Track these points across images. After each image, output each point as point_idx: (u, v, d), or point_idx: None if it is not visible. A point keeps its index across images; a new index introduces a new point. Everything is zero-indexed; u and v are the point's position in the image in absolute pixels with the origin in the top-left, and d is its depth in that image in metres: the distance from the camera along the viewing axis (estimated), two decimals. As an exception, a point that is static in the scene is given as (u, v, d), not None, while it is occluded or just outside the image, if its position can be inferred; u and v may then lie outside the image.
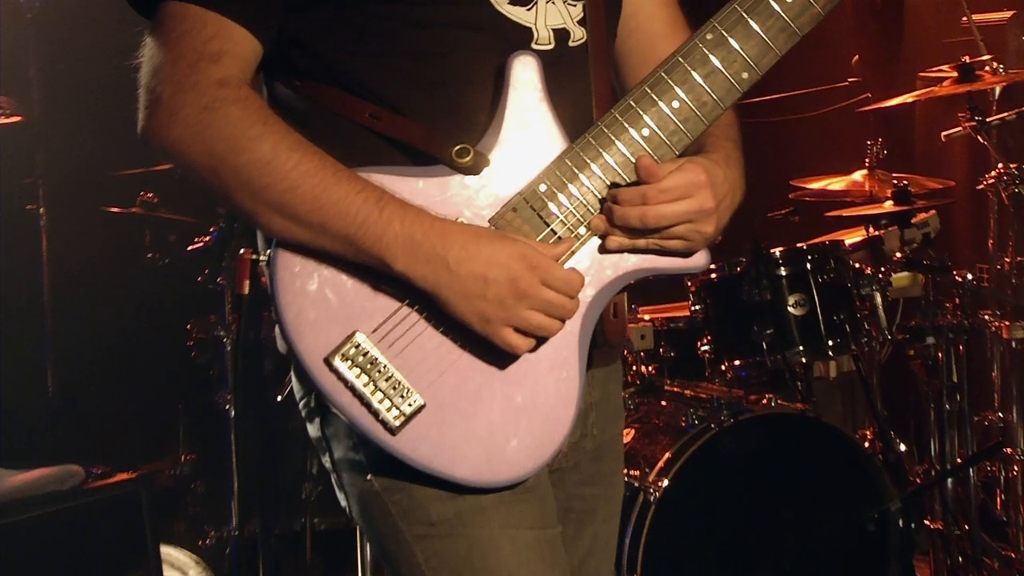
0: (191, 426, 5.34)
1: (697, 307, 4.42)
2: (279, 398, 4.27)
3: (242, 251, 1.96)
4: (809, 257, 4.24)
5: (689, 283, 4.45)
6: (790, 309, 4.18)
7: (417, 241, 1.73)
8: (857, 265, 4.45)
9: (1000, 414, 4.72)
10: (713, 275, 4.34)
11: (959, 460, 4.47)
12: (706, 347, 4.37)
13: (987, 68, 4.67)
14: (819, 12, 1.85)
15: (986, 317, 4.68)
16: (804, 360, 4.29)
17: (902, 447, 4.53)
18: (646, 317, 4.69)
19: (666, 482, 3.73)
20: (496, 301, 1.73)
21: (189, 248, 4.97)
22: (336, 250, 1.76)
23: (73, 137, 5.65)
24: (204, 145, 1.75)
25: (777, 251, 4.24)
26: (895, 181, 4.70)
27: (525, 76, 1.83)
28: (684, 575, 3.82)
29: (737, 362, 4.28)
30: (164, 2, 1.80)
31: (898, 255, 4.57)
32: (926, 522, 4.45)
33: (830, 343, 4.21)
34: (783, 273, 4.22)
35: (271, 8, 1.82)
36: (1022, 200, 4.58)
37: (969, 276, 4.46)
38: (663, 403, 4.27)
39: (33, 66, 5.52)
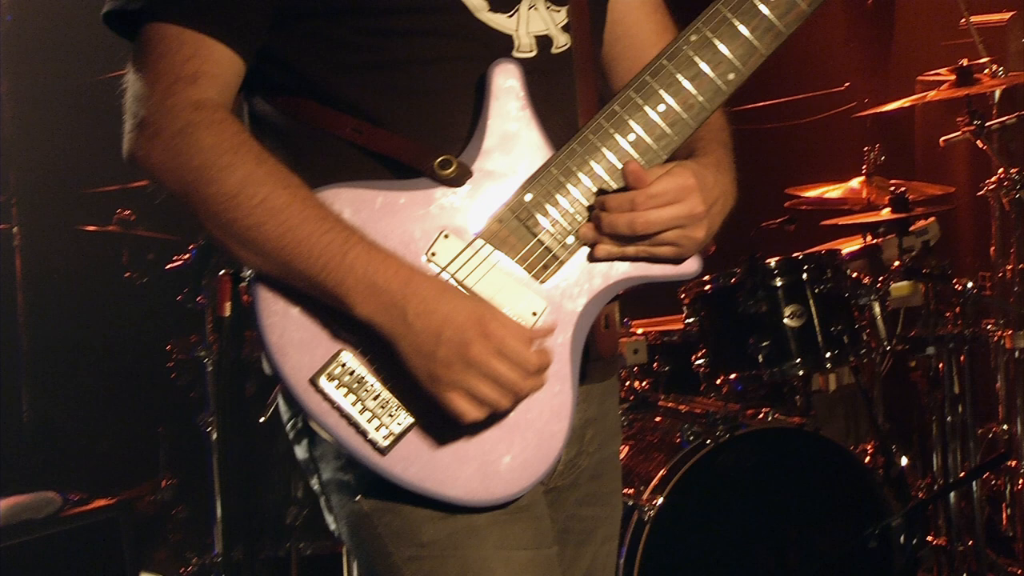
0: (172, 450, 5.34)
1: (691, 320, 4.43)
2: (262, 420, 4.27)
3: (222, 272, 1.97)
4: (805, 267, 4.25)
5: (683, 295, 4.46)
6: (786, 321, 4.20)
7: (379, 288, 1.72)
8: (855, 274, 4.46)
9: (1004, 426, 4.74)
10: (707, 287, 4.35)
11: (962, 473, 4.49)
12: (701, 361, 4.38)
13: (986, 71, 4.71)
14: (805, 10, 1.86)
15: (989, 326, 4.70)
16: (802, 373, 4.30)
17: (904, 461, 4.55)
18: (639, 331, 4.70)
19: (661, 500, 3.73)
20: (444, 362, 1.72)
21: (168, 267, 4.96)
22: (303, 289, 1.77)
23: (47, 154, 5.66)
24: (177, 172, 1.76)
25: (773, 261, 4.25)
26: (893, 188, 4.73)
27: (507, 84, 1.84)
28: (681, 595, 3.83)
29: (733, 376, 4.29)
30: (144, 24, 1.81)
31: (897, 264, 4.59)
32: (929, 538, 4.47)
33: (828, 355, 4.22)
34: (779, 284, 4.23)
35: (253, 22, 1.82)
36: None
37: (969, 284, 4.48)
38: (657, 419, 4.27)
39: (5, 82, 5.54)
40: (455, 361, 1.71)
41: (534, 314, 1.82)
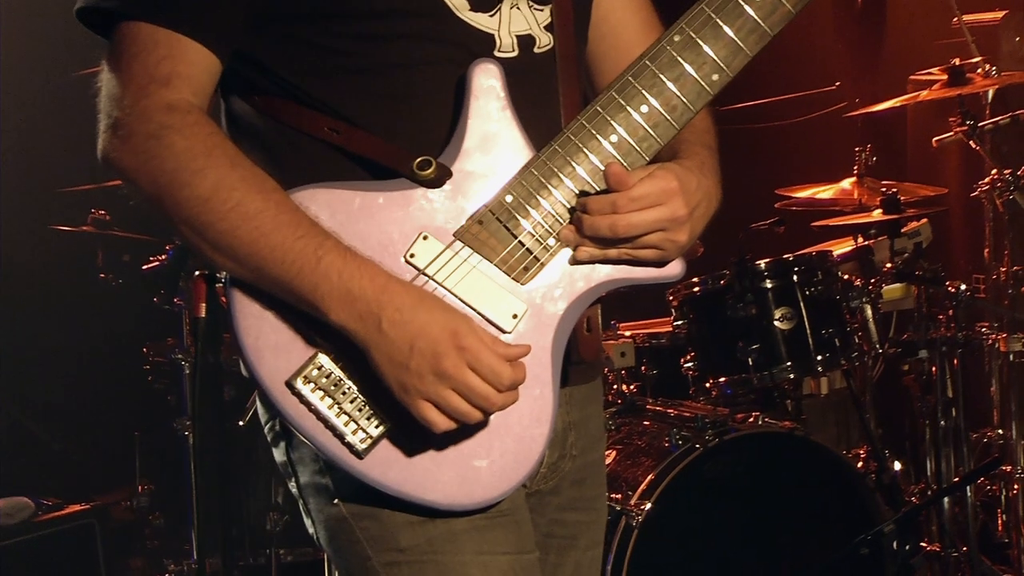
0: (148, 455, 5.33)
1: (680, 323, 4.45)
2: (241, 423, 4.28)
3: (196, 273, 1.99)
4: (796, 269, 4.28)
5: (671, 298, 4.48)
6: (776, 324, 4.22)
7: (354, 295, 1.74)
8: (846, 277, 4.49)
9: (999, 430, 4.77)
10: (696, 289, 4.37)
11: (956, 479, 4.51)
12: (690, 364, 4.40)
13: (979, 71, 4.74)
14: (790, 11, 1.87)
15: (983, 329, 4.73)
16: (792, 377, 4.33)
17: (897, 466, 4.58)
18: (627, 333, 4.72)
19: (649, 505, 3.75)
20: (416, 373, 1.73)
21: (144, 268, 4.96)
22: (278, 294, 1.79)
23: (18, 152, 5.66)
24: (149, 176, 1.78)
25: (762, 263, 4.27)
26: (884, 189, 4.76)
27: (487, 85, 1.85)
28: (669, 603, 3.85)
29: (722, 379, 4.31)
30: (118, 22, 1.82)
31: (889, 266, 4.62)
32: (922, 544, 4.48)
33: (819, 358, 4.25)
34: (769, 286, 4.25)
35: (229, 22, 1.83)
36: (1017, 207, 4.64)
37: (963, 287, 4.50)
38: (645, 423, 4.29)
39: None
40: (427, 373, 1.73)
41: (514, 316, 1.84)
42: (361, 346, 1.76)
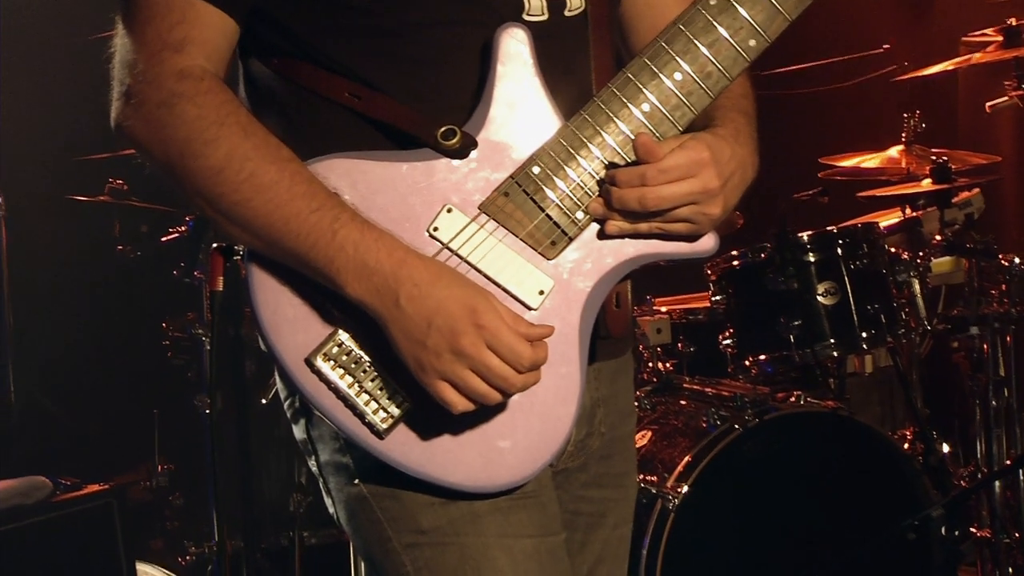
0: (168, 433, 5.37)
1: (718, 298, 4.45)
2: (263, 401, 4.31)
3: (213, 246, 2.01)
4: (840, 241, 4.26)
5: (709, 272, 4.47)
6: (819, 298, 4.21)
7: (370, 269, 1.75)
8: (893, 250, 4.46)
9: (1054, 411, 4.75)
10: (735, 263, 4.36)
11: (1008, 462, 4.50)
12: (728, 341, 4.40)
13: (1036, 31, 4.70)
14: (830, -28, 1.87)
15: (1037, 305, 4.71)
16: (835, 354, 4.32)
17: (945, 448, 4.56)
18: (663, 309, 4.71)
19: (686, 488, 3.76)
20: (433, 351, 1.74)
21: (163, 239, 5.00)
22: (293, 265, 1.81)
23: (34, 121, 5.68)
24: (161, 145, 1.80)
25: (805, 235, 4.26)
26: (934, 157, 4.73)
27: (514, 50, 1.85)
28: (706, 588, 3.87)
29: (762, 357, 4.31)
30: None
31: (938, 238, 4.59)
32: (972, 530, 4.48)
33: (864, 335, 4.24)
34: (812, 259, 4.24)
35: None
36: (1075, 176, 4.61)
37: (1016, 260, 4.47)
38: (682, 402, 4.30)
39: (-10, 42, 5.57)
40: (444, 351, 1.74)
41: (541, 293, 1.85)
42: (379, 321, 1.77)
